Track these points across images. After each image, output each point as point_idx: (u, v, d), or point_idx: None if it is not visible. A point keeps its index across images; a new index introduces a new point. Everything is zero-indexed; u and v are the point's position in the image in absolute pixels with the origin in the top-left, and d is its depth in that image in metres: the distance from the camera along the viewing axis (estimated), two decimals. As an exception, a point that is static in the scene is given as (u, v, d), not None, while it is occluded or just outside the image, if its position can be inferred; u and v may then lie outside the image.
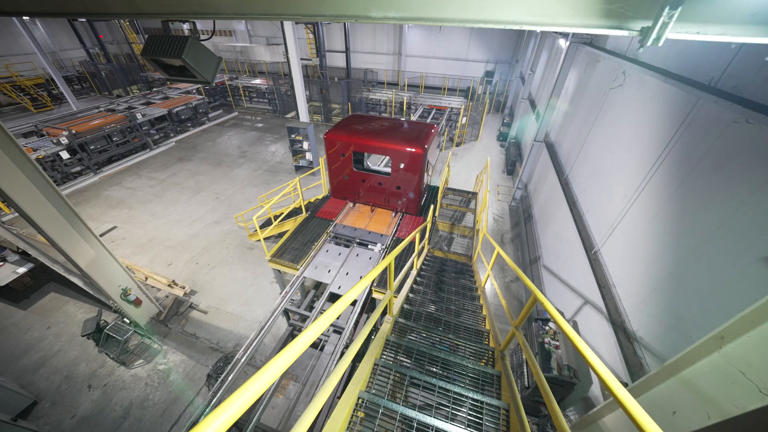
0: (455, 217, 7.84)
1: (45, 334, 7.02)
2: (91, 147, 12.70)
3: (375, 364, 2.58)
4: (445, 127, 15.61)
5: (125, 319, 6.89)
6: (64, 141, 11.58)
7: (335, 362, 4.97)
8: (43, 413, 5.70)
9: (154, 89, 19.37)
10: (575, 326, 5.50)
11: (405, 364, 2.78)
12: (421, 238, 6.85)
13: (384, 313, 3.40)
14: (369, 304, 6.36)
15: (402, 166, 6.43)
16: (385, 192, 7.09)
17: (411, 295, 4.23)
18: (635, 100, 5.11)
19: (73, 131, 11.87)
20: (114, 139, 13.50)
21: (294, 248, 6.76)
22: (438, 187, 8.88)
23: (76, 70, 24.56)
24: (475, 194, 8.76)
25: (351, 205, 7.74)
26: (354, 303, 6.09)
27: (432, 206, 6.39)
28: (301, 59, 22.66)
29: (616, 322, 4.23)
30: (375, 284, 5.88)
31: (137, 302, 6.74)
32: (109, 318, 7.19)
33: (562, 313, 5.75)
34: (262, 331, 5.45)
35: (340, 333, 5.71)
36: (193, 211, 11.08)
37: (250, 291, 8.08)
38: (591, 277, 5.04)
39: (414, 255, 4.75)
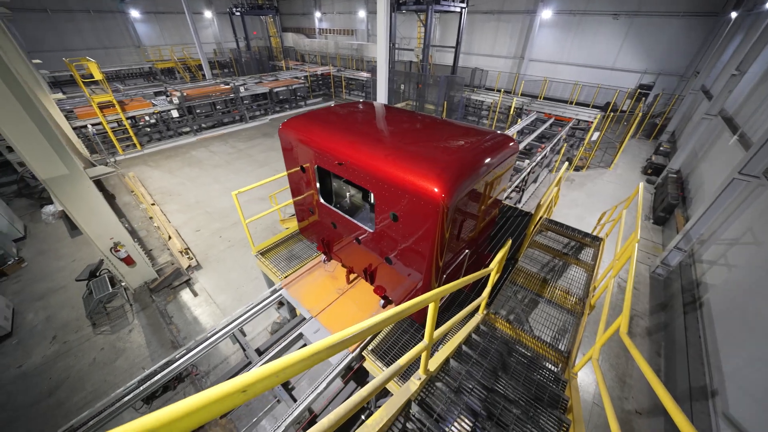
0: (551, 269, 4.60)
1: (66, 266, 7.03)
2: (197, 111, 13.97)
3: None
4: (562, 143, 11.65)
5: (122, 277, 6.26)
6: (175, 101, 12.89)
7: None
8: (5, 350, 5.27)
9: (272, 73, 21.15)
10: None
11: None
12: (466, 296, 3.98)
13: None
14: (356, 372, 3.92)
15: (395, 217, 2.80)
16: (366, 258, 3.58)
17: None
18: None
19: (185, 93, 13.14)
20: (218, 107, 14.66)
21: (294, 250, 4.86)
22: (531, 215, 5.70)
23: (228, 57, 29.61)
24: (596, 240, 5.23)
25: (323, 258, 4.47)
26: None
27: (509, 240, 3.51)
28: (406, 49, 21.45)
29: None
30: (366, 346, 3.41)
31: (128, 261, 5.97)
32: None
33: None
34: (185, 357, 3.68)
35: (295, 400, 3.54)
36: (249, 183, 10.64)
37: (250, 286, 6.61)
38: None
39: (422, 348, 2.02)
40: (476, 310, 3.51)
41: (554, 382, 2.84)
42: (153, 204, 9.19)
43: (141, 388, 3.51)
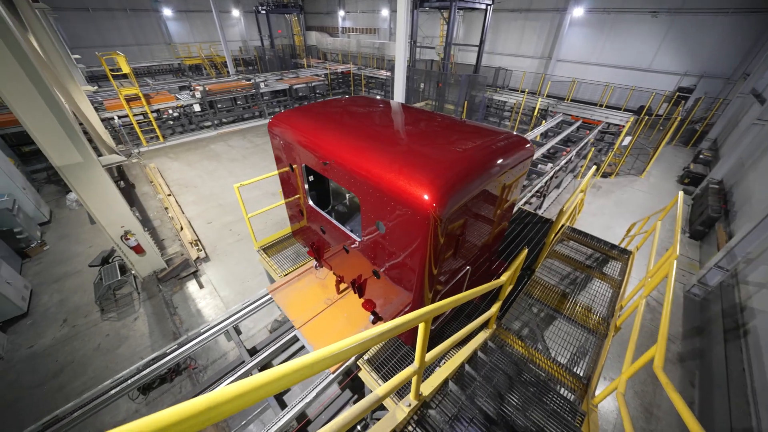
0: (572, 282, 4.19)
1: (83, 252, 7.24)
2: (219, 105, 14.25)
3: None
4: (590, 147, 10.94)
5: (131, 265, 6.35)
6: (198, 95, 13.18)
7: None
8: (19, 330, 5.45)
9: (293, 71, 21.37)
10: None
11: None
12: (475, 308, 3.65)
13: None
14: (351, 381, 3.69)
15: (382, 228, 2.48)
16: (354, 269, 3.29)
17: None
18: None
19: (207, 88, 13.43)
20: (238, 102, 14.91)
21: (298, 248, 4.71)
22: (552, 222, 5.28)
23: (253, 54, 30.28)
24: (625, 253, 4.74)
25: (314, 263, 4.20)
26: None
27: (525, 249, 3.16)
28: (427, 47, 21.14)
29: None
30: (362, 355, 3.17)
31: (137, 250, 6.04)
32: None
33: None
34: (177, 352, 3.59)
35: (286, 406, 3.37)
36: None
37: (254, 281, 6.54)
38: None
39: (412, 373, 1.72)
40: (484, 324, 3.18)
41: (570, 414, 2.48)
42: (169, 195, 9.37)
43: (131, 380, 3.46)
